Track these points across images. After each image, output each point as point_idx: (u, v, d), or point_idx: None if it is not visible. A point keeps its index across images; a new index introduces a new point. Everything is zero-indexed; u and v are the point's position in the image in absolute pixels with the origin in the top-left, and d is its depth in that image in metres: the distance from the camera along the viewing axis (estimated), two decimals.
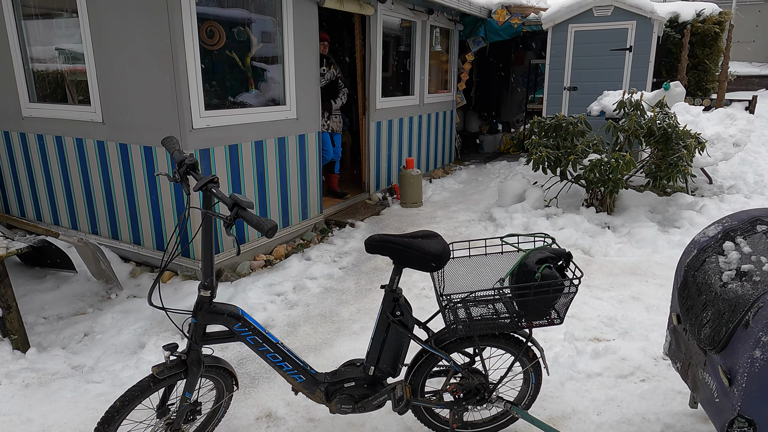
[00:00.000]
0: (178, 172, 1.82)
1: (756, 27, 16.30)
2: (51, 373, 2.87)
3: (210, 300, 1.91)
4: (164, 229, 4.02)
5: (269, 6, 4.36)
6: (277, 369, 2.06)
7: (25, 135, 4.64)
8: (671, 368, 2.80)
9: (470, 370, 2.15)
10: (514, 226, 5.09)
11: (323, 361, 2.99)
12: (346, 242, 4.90)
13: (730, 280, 1.85)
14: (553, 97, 7.74)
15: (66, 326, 3.37)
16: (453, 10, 7.43)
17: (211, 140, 3.87)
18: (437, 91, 7.77)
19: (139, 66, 3.69)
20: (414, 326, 2.08)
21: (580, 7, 7.19)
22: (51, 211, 4.78)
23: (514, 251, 2.16)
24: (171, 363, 1.90)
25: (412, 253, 1.90)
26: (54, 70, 4.42)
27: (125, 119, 3.91)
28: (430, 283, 3.94)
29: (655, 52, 7.04)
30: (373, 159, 6.19)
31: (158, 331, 3.26)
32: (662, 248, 4.52)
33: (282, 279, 4.04)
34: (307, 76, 4.78)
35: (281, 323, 3.46)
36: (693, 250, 2.14)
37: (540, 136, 5.45)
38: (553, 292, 1.91)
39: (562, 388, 2.67)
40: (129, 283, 3.98)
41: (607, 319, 3.38)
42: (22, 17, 4.35)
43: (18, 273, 4.05)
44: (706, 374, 1.92)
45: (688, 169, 4.86)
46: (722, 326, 1.78)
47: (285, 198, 4.72)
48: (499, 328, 2.03)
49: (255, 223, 1.55)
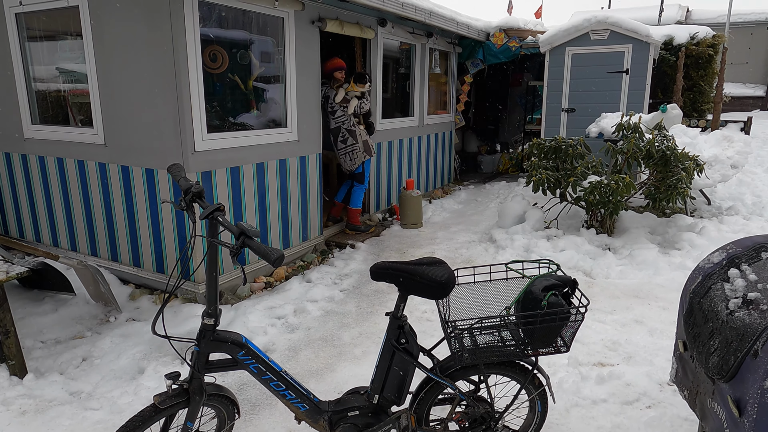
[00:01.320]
0: (184, 200, 1.82)
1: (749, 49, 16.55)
2: (48, 399, 2.82)
3: (213, 328, 1.89)
4: (164, 251, 4.01)
5: (271, 29, 4.41)
6: (280, 397, 2.03)
7: (27, 156, 4.65)
8: (677, 394, 2.77)
9: (476, 398, 2.13)
10: (514, 247, 5.08)
11: (325, 387, 2.96)
12: (347, 264, 4.88)
13: (737, 308, 1.84)
14: (551, 119, 7.81)
15: (64, 350, 3.33)
16: (452, 34, 7.54)
17: (213, 163, 3.88)
18: (436, 113, 7.84)
19: (142, 89, 3.72)
20: (419, 354, 2.06)
21: (577, 30, 7.30)
22: (50, 232, 4.76)
23: (519, 277, 2.15)
24: (173, 392, 1.87)
25: (418, 281, 1.89)
26: (56, 92, 4.44)
27: (127, 142, 3.92)
28: (431, 306, 3.92)
29: (651, 75, 7.13)
30: (373, 180, 6.21)
31: (158, 356, 3.22)
32: (663, 270, 4.51)
33: (282, 302, 4.01)
34: (309, 98, 4.82)
35: (282, 347, 3.42)
36: (698, 276, 2.13)
37: (540, 158, 5.48)
38: (559, 320, 1.90)
39: (568, 415, 2.63)
40: (128, 306, 3.95)
41: (610, 343, 3.35)
42: (26, 39, 4.40)
43: (16, 295, 4.02)
44: (714, 403, 1.90)
45: (687, 191, 4.88)
46: (730, 355, 1.77)
47: (286, 219, 4.72)
48: (505, 356, 2.01)
49: (262, 252, 1.54)
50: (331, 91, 5.26)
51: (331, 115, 5.28)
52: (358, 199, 5.66)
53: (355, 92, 5.30)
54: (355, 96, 5.30)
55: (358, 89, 5.29)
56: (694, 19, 16.28)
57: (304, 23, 4.64)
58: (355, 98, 5.29)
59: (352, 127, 5.34)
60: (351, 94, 5.29)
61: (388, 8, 5.37)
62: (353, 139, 5.35)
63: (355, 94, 5.30)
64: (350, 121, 5.32)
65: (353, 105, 5.28)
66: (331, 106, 5.25)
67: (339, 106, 5.24)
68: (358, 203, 5.67)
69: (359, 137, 5.39)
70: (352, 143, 5.35)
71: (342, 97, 5.25)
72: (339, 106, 5.24)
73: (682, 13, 16.15)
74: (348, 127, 5.31)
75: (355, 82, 5.28)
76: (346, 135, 5.31)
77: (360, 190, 5.64)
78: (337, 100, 5.23)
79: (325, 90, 5.26)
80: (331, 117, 5.29)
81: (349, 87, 5.28)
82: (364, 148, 5.44)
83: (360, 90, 5.30)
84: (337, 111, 5.25)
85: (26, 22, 4.34)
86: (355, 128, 5.36)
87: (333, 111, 5.26)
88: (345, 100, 5.28)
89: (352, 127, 5.34)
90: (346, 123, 5.30)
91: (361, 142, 5.41)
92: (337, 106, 5.24)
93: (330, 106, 5.26)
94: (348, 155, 5.38)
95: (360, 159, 5.42)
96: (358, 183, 5.60)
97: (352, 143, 5.34)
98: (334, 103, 5.24)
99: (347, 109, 5.26)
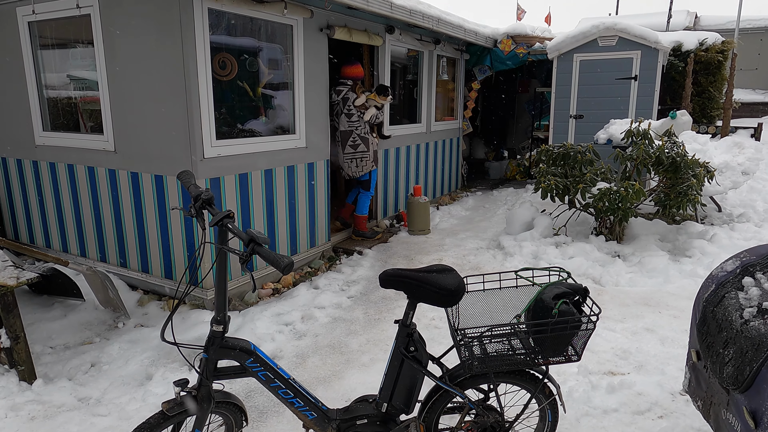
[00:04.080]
0: (194, 207, 1.82)
1: (758, 55, 16.44)
2: (57, 405, 2.83)
3: (222, 335, 1.88)
4: (173, 257, 4.02)
5: (280, 36, 4.44)
6: (288, 405, 2.02)
7: (38, 163, 4.69)
8: (689, 404, 2.73)
9: (485, 407, 2.10)
10: (523, 254, 5.05)
11: (333, 394, 2.94)
12: (355, 270, 4.87)
13: (752, 318, 1.81)
14: (559, 125, 7.78)
15: (73, 356, 3.34)
16: (459, 40, 7.55)
17: (221, 169, 3.90)
18: (444, 119, 7.84)
19: (152, 96, 3.74)
20: (428, 362, 2.05)
21: (585, 37, 7.28)
22: (60, 238, 4.79)
23: (529, 285, 2.13)
24: (181, 399, 1.87)
25: (427, 289, 1.87)
26: (68, 99, 4.49)
27: (137, 148, 3.95)
28: (440, 313, 3.89)
29: (660, 81, 7.10)
30: (380, 186, 6.21)
31: (166, 362, 3.22)
32: (674, 278, 4.46)
33: (290, 308, 4.00)
34: (317, 105, 4.84)
35: (290, 354, 3.41)
36: (711, 284, 2.11)
37: (548, 164, 5.46)
38: (570, 328, 1.88)
39: (578, 425, 2.60)
40: (137, 311, 3.96)
41: (621, 352, 3.32)
42: (38, 47, 4.45)
43: (26, 301, 4.04)
44: (729, 414, 1.87)
45: (698, 198, 4.84)
46: (746, 365, 1.74)
47: (293, 225, 4.73)
48: (515, 364, 1.99)
49: (271, 259, 1.54)
50: (352, 94, 5.25)
51: (347, 117, 5.27)
52: (365, 206, 5.67)
53: (375, 102, 5.33)
54: (374, 105, 5.33)
55: (380, 101, 5.33)
56: (702, 25, 16.21)
57: (313, 31, 4.67)
58: (374, 107, 5.33)
59: (366, 135, 5.34)
60: (370, 103, 5.32)
61: (396, 16, 5.39)
62: (365, 147, 5.34)
63: (375, 104, 5.33)
64: (365, 127, 5.33)
65: (371, 113, 5.29)
66: (348, 109, 5.24)
67: (357, 110, 5.25)
68: (364, 210, 5.67)
69: (371, 146, 5.39)
70: (363, 150, 5.34)
71: (362, 102, 5.26)
72: (357, 110, 5.25)
73: (690, 19, 16.10)
74: (362, 134, 5.31)
75: (377, 94, 5.31)
76: (358, 141, 5.31)
77: (366, 197, 5.65)
78: (357, 103, 5.23)
79: (346, 91, 5.26)
80: (346, 119, 5.28)
81: (373, 96, 5.32)
82: (373, 158, 5.45)
83: (381, 102, 5.34)
84: (354, 114, 5.26)
85: (39, 30, 4.39)
86: (369, 136, 5.36)
87: (350, 114, 5.25)
88: (364, 106, 5.29)
89: (365, 135, 5.33)
90: (360, 129, 5.30)
91: (372, 151, 5.42)
92: (355, 110, 5.25)
93: (347, 108, 5.24)
94: (355, 161, 5.38)
95: (368, 168, 5.42)
96: (365, 190, 5.61)
97: (363, 150, 5.34)
98: (352, 107, 5.23)
99: (363, 115, 5.27)
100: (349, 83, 5.33)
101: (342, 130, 5.32)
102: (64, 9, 4.02)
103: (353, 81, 5.34)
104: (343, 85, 5.32)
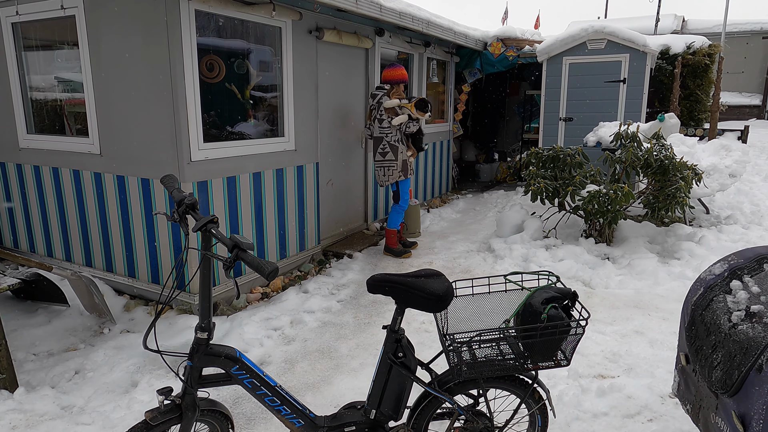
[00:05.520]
0: (177, 212, 1.79)
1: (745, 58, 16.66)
2: (39, 414, 2.77)
3: (207, 342, 1.85)
4: (160, 261, 3.96)
5: (269, 38, 4.41)
6: (275, 413, 1.98)
7: (22, 166, 4.62)
8: (679, 407, 2.73)
9: (474, 412, 2.09)
10: (513, 257, 5.05)
11: (321, 400, 2.91)
12: (344, 274, 4.84)
13: (740, 321, 1.81)
14: (548, 128, 7.81)
15: (56, 363, 3.27)
16: (449, 43, 7.56)
17: (209, 172, 3.86)
18: (434, 122, 7.84)
19: (139, 98, 3.70)
20: (417, 367, 2.02)
21: (574, 40, 7.32)
22: (45, 242, 4.71)
23: (518, 289, 2.12)
24: (165, 408, 1.83)
25: (415, 294, 1.85)
26: (53, 102, 4.42)
27: (123, 151, 3.89)
28: (429, 317, 3.87)
29: (648, 84, 7.15)
30: (371, 188, 6.18)
31: (151, 369, 3.17)
32: (663, 280, 4.48)
33: (279, 313, 3.96)
34: (306, 108, 4.81)
35: (278, 359, 3.37)
36: (699, 288, 2.11)
37: (538, 167, 5.47)
38: (559, 333, 1.86)
39: (568, 429, 2.59)
40: (122, 317, 3.90)
41: (611, 355, 3.31)
42: (22, 48, 4.38)
43: (9, 307, 3.97)
44: (718, 418, 1.87)
45: (686, 200, 4.87)
46: (734, 369, 1.74)
47: (282, 229, 4.69)
48: (504, 370, 1.97)
49: (255, 265, 1.51)
50: (386, 99, 5.02)
51: (378, 123, 5.04)
52: (394, 220, 5.34)
53: (409, 111, 5.06)
54: (408, 114, 5.05)
55: (416, 114, 5.05)
56: (689, 29, 16.39)
57: (302, 33, 4.64)
58: (407, 116, 5.04)
59: (396, 143, 5.06)
60: (405, 110, 5.06)
61: (386, 18, 5.37)
62: (393, 155, 5.07)
63: (409, 113, 5.05)
64: (396, 135, 5.07)
65: (399, 119, 5.01)
66: (380, 114, 5.03)
67: (386, 114, 5.01)
68: (394, 224, 5.35)
69: (400, 155, 5.10)
70: (391, 159, 5.08)
71: (392, 106, 5.01)
72: (386, 114, 5.01)
73: (677, 23, 16.27)
74: (392, 141, 5.05)
75: (416, 107, 5.03)
76: (386, 148, 5.06)
77: (396, 210, 5.31)
78: (387, 106, 4.99)
79: (381, 96, 5.04)
80: (378, 125, 5.05)
81: (409, 105, 5.05)
82: (401, 168, 5.15)
83: (418, 115, 5.06)
84: (384, 120, 5.02)
85: (23, 31, 4.33)
86: (399, 145, 5.09)
87: (381, 119, 5.03)
88: (393, 111, 5.05)
89: (396, 143, 5.06)
90: (391, 136, 5.05)
91: (401, 160, 5.13)
92: (385, 114, 5.01)
93: (380, 113, 5.03)
94: (382, 169, 5.13)
95: (394, 177, 5.12)
96: (395, 202, 5.31)
97: (390, 159, 5.08)
98: (383, 111, 5.02)
99: (392, 120, 5.01)
100: (386, 87, 5.07)
101: (375, 136, 5.10)
102: (49, 10, 3.96)
103: (391, 84, 5.07)
104: (380, 90, 5.07)
